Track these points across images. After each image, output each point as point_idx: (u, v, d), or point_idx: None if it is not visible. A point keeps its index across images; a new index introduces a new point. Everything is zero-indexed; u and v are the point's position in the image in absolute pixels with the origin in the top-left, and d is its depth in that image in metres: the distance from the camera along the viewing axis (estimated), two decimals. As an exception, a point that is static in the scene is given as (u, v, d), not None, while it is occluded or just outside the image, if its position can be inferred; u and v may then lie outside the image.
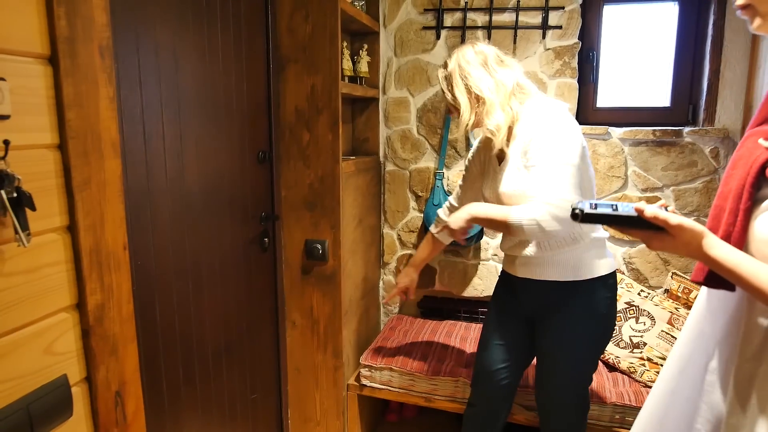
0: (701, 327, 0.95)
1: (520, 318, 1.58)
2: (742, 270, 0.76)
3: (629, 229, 0.83)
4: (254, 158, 1.80)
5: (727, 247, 0.79)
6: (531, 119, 1.39)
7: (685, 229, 0.78)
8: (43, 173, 0.86)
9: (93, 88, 0.93)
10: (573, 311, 1.46)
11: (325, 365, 2.05)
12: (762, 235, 0.77)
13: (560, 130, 1.34)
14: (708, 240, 0.79)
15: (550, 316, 1.50)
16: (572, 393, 1.56)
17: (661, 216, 0.78)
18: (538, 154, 1.34)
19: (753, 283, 0.75)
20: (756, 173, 0.78)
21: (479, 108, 1.43)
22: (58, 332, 0.91)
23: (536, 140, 1.35)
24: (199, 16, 1.49)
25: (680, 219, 0.79)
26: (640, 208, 0.80)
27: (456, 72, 1.46)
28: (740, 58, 2.04)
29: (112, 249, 0.99)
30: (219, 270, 1.64)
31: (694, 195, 2.14)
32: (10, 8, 0.79)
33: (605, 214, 0.84)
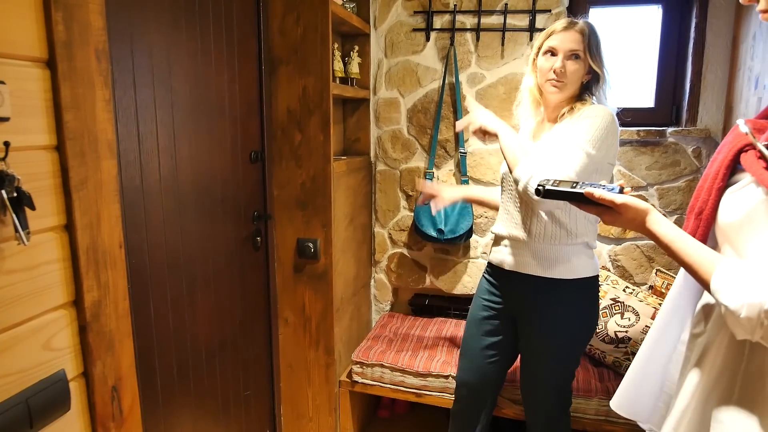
0: (677, 301, 1.00)
1: (504, 314, 1.62)
2: (676, 246, 0.84)
3: (585, 206, 0.94)
4: (247, 158, 1.83)
5: (668, 224, 0.87)
6: (592, 108, 1.43)
7: (630, 207, 0.88)
8: (42, 173, 0.89)
9: (90, 91, 0.95)
10: (555, 310, 1.50)
11: (317, 362, 2.08)
12: (721, 214, 0.83)
13: (596, 121, 1.38)
14: (651, 216, 0.88)
15: (533, 313, 1.54)
16: (553, 389, 1.59)
17: (607, 197, 0.88)
18: (564, 133, 1.40)
19: (684, 259, 0.83)
20: (733, 156, 0.83)
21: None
22: (56, 328, 0.93)
23: (571, 124, 1.41)
24: (192, 19, 1.51)
25: (625, 198, 0.88)
26: (589, 191, 0.90)
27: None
28: (721, 61, 2.10)
29: (108, 247, 1.02)
30: (212, 268, 1.67)
31: (677, 193, 2.20)
32: (9, 13, 0.82)
33: (564, 191, 0.95)
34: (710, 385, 0.83)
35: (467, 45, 2.30)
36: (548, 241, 1.46)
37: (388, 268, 2.58)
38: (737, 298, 0.73)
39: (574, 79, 1.44)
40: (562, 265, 1.47)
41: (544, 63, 1.46)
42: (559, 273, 1.47)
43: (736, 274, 0.74)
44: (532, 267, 1.50)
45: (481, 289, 1.70)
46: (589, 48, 1.42)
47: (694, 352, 0.88)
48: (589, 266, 1.50)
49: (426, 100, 2.38)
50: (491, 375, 1.67)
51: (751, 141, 0.80)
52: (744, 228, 0.78)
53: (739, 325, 0.73)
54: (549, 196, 0.96)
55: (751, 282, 0.72)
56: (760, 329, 0.71)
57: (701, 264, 0.79)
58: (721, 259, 0.78)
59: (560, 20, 1.48)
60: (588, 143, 1.35)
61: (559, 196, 0.96)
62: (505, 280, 1.59)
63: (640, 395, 1.06)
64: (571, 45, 1.42)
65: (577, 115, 1.42)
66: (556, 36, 1.45)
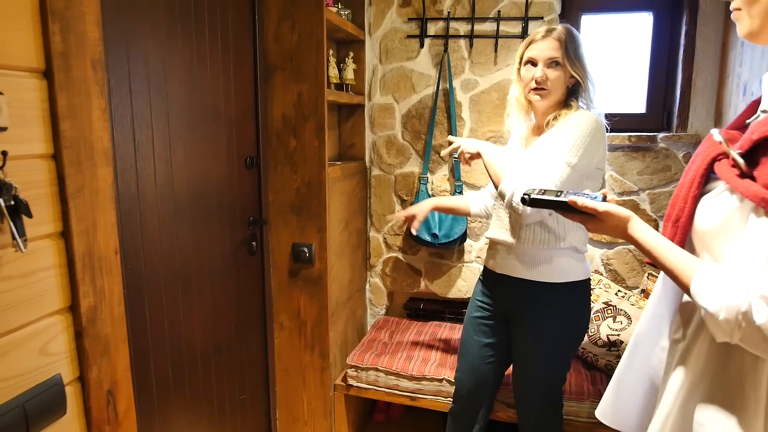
0: (656, 308, 1.02)
1: (498, 316, 1.64)
2: (657, 251, 0.86)
3: (570, 214, 0.97)
4: (242, 164, 1.85)
5: (649, 231, 0.90)
6: (577, 115, 1.45)
7: (612, 214, 0.90)
8: (39, 182, 0.90)
9: (86, 100, 0.97)
10: (544, 313, 1.53)
11: (313, 366, 2.09)
12: (698, 221, 0.86)
13: (579, 129, 1.40)
14: (632, 223, 0.90)
15: (522, 315, 1.57)
16: (542, 392, 1.62)
17: (590, 205, 0.91)
18: (547, 144, 1.43)
19: (665, 264, 0.85)
20: (707, 165, 0.86)
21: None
22: (52, 333, 0.95)
23: (555, 133, 1.43)
24: (188, 26, 1.53)
25: (607, 206, 0.91)
26: (573, 200, 0.93)
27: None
28: (711, 68, 2.13)
29: (104, 253, 1.03)
30: (208, 273, 1.68)
31: (668, 198, 2.22)
32: (7, 25, 0.84)
33: (549, 200, 0.98)
34: (691, 389, 0.85)
35: (461, 51, 2.33)
36: (536, 246, 1.49)
37: (383, 273, 2.60)
38: (716, 301, 0.75)
39: (557, 85, 1.47)
40: (549, 268, 1.50)
41: (526, 73, 1.50)
42: (545, 276, 1.50)
43: (715, 277, 0.77)
44: (520, 270, 1.52)
45: (476, 291, 1.73)
46: (567, 53, 1.45)
47: (675, 357, 0.90)
48: (577, 270, 1.52)
49: (420, 105, 2.41)
50: (488, 375, 1.69)
51: (724, 150, 0.82)
52: (720, 234, 0.80)
53: (719, 327, 0.75)
54: (534, 204, 0.99)
55: (729, 285, 0.74)
56: (738, 331, 0.73)
57: (681, 269, 0.81)
58: (700, 264, 0.81)
59: (539, 29, 1.51)
60: (569, 153, 1.37)
61: (544, 204, 0.98)
62: (496, 283, 1.61)
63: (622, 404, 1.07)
64: (549, 53, 1.45)
65: (561, 122, 1.44)
66: (534, 45, 1.48)
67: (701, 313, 0.78)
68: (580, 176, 1.39)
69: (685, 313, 0.91)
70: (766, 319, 0.70)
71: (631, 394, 1.06)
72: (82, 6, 0.96)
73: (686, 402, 0.85)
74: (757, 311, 0.70)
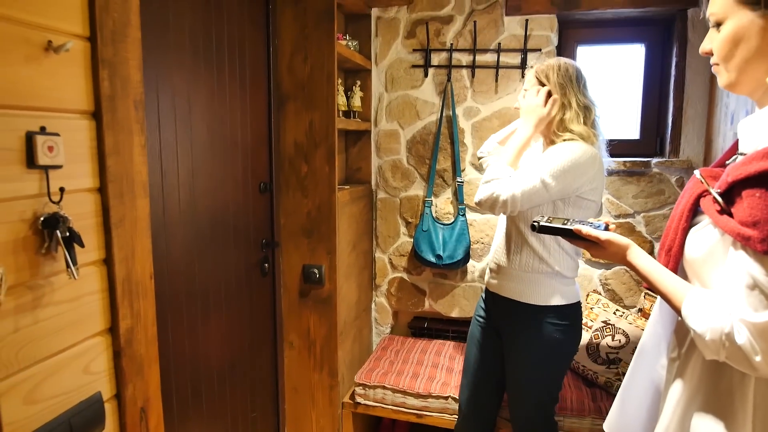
0: (655, 329, 1.10)
1: (495, 333, 1.73)
2: (653, 277, 0.96)
3: (575, 240, 1.08)
4: (256, 188, 1.94)
5: (646, 258, 0.99)
6: (566, 144, 1.52)
7: (612, 242, 1.01)
8: (86, 213, 0.99)
9: (128, 138, 1.06)
10: (530, 334, 1.60)
11: (321, 384, 2.15)
12: (688, 251, 0.95)
13: (562, 154, 1.48)
14: (631, 251, 1.00)
15: (511, 334, 1.66)
16: (533, 410, 1.67)
17: (593, 233, 1.02)
18: (534, 161, 1.52)
19: (660, 288, 0.94)
20: (694, 200, 0.95)
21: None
22: (94, 354, 1.02)
23: (546, 154, 1.52)
24: (210, 61, 1.63)
25: (608, 235, 1.01)
26: (577, 228, 1.04)
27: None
28: (700, 97, 2.24)
29: (140, 278, 1.11)
30: (224, 294, 1.76)
31: (662, 221, 2.32)
32: (65, 74, 0.93)
33: (555, 227, 1.09)
34: (688, 403, 0.93)
35: (463, 81, 2.44)
36: (523, 268, 1.59)
37: (389, 292, 2.67)
38: (703, 323, 0.83)
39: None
40: (536, 291, 1.58)
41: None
42: (532, 298, 1.59)
43: (702, 302, 0.86)
44: (510, 291, 1.63)
45: (477, 308, 1.82)
46: (543, 83, 1.58)
47: (672, 374, 0.98)
48: (564, 294, 1.59)
49: (424, 132, 2.51)
50: (488, 392, 1.76)
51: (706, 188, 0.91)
52: (707, 262, 0.89)
53: (706, 346, 0.84)
54: (543, 231, 1.10)
55: (714, 309, 0.83)
56: (723, 350, 0.81)
57: (674, 293, 0.90)
58: (690, 289, 0.90)
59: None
60: (546, 173, 1.46)
61: (551, 231, 1.09)
62: (492, 300, 1.72)
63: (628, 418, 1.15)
64: (525, 84, 1.65)
65: (551, 148, 1.54)
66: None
67: (691, 334, 0.87)
68: (551, 197, 1.48)
69: (680, 333, 0.99)
70: (746, 340, 0.78)
71: (635, 408, 1.13)
72: (126, 53, 1.05)
73: (684, 415, 0.93)
74: (738, 332, 0.79)
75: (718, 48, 0.89)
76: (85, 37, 0.97)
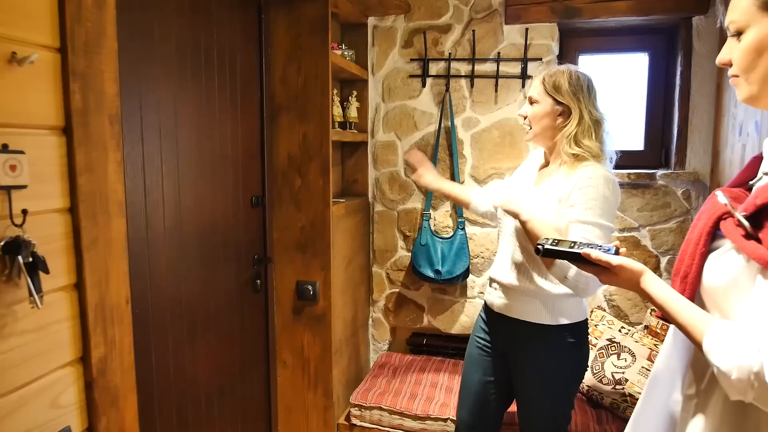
0: (668, 361, 1.02)
1: (497, 353, 1.64)
2: (669, 306, 0.87)
3: (584, 265, 0.97)
4: (248, 203, 1.87)
5: (661, 285, 0.90)
6: (588, 174, 1.41)
7: (625, 268, 0.91)
8: (55, 235, 0.92)
9: (102, 154, 1.00)
10: (542, 355, 1.53)
11: (316, 405, 2.08)
12: (706, 278, 0.87)
13: (610, 197, 1.40)
14: (645, 277, 0.91)
15: (521, 356, 1.57)
16: (545, 428, 1.61)
17: (604, 258, 0.92)
18: (587, 213, 1.38)
19: (677, 319, 0.86)
20: (713, 223, 0.88)
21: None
22: (63, 386, 0.95)
23: (584, 197, 1.39)
24: (198, 72, 1.58)
25: (621, 260, 0.92)
26: (587, 252, 0.94)
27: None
28: (707, 107, 2.18)
29: (115, 303, 1.04)
30: (213, 313, 1.69)
31: (669, 234, 2.25)
32: (31, 87, 0.87)
33: (562, 251, 0.99)
34: None
35: (462, 91, 2.39)
36: (534, 288, 1.50)
37: (386, 308, 2.60)
38: (728, 360, 0.75)
39: (535, 120, 1.50)
40: (546, 310, 1.50)
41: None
42: (542, 318, 1.51)
43: (727, 336, 0.78)
44: (518, 311, 1.54)
45: (476, 327, 1.73)
46: (545, 89, 1.48)
47: (689, 413, 0.90)
48: (573, 312, 1.52)
49: (422, 143, 2.45)
50: (489, 414, 1.68)
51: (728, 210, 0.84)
52: (730, 292, 0.81)
53: (731, 386, 0.76)
54: (548, 255, 1.00)
55: (741, 345, 0.75)
56: (751, 391, 0.73)
57: (694, 325, 0.82)
58: (712, 321, 0.81)
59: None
60: (601, 219, 1.38)
61: (557, 255, 0.99)
62: (495, 320, 1.62)
63: None
64: (530, 92, 1.53)
65: (574, 178, 1.42)
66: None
67: (714, 371, 0.79)
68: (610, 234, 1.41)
69: (697, 369, 0.91)
70: None
71: None
72: (101, 64, 0.99)
73: None
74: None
75: (738, 58, 0.82)
76: (54, 48, 0.91)
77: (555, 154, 1.54)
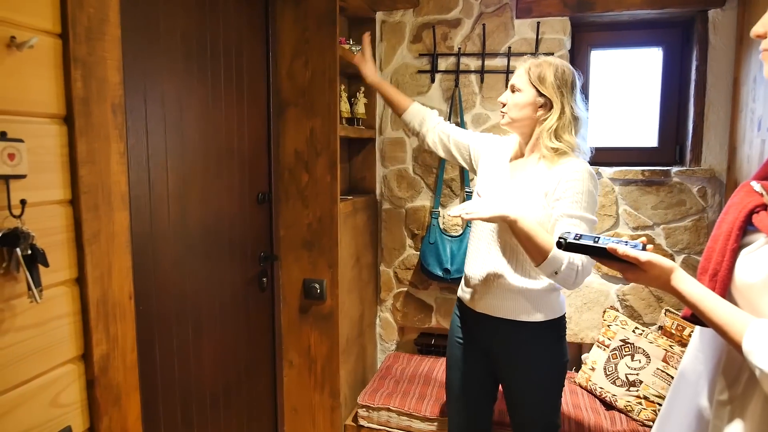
0: (694, 365, 0.97)
1: (478, 351, 1.60)
2: (703, 305, 0.82)
3: (607, 261, 0.92)
4: (254, 199, 1.84)
5: (693, 283, 0.85)
6: (572, 168, 1.40)
7: (654, 264, 0.86)
8: (55, 228, 0.89)
9: (105, 145, 0.97)
10: (527, 352, 1.50)
11: (323, 405, 2.04)
12: (739, 275, 0.82)
13: (594, 192, 1.40)
14: (676, 275, 0.86)
15: (504, 354, 1.54)
16: (538, 424, 1.57)
17: (632, 254, 0.86)
18: (574, 207, 1.37)
19: (712, 318, 0.81)
20: (744, 217, 0.83)
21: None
22: (64, 384, 0.92)
23: (571, 190, 1.38)
24: (204, 65, 1.54)
25: (650, 256, 0.86)
26: (613, 247, 0.88)
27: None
28: (723, 102, 2.13)
29: (118, 299, 1.01)
30: (218, 311, 1.65)
31: (684, 233, 2.19)
32: (31, 73, 0.84)
33: (586, 245, 0.94)
34: None
35: (471, 86, 2.34)
36: (515, 285, 1.46)
37: (394, 307, 2.56)
38: None
39: (514, 108, 1.47)
40: (528, 307, 1.47)
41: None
42: (525, 316, 1.48)
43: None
44: (499, 309, 1.50)
45: (453, 326, 1.68)
46: (530, 79, 1.45)
47: (724, 420, 0.85)
48: (555, 307, 1.50)
49: (431, 139, 2.40)
50: (479, 412, 1.65)
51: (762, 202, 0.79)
52: (766, 289, 0.77)
53: None
54: (570, 249, 0.95)
55: None
56: None
57: (731, 324, 0.78)
58: (751, 320, 0.77)
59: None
60: (586, 211, 1.38)
61: (580, 249, 0.94)
62: (474, 320, 1.58)
63: None
64: (513, 80, 1.51)
65: (563, 176, 1.40)
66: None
67: (756, 373, 0.74)
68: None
69: (730, 372, 0.86)
70: None
71: None
72: (104, 51, 0.96)
73: None
74: None
75: None
76: (55, 33, 0.88)
77: (532, 147, 1.51)
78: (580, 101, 1.47)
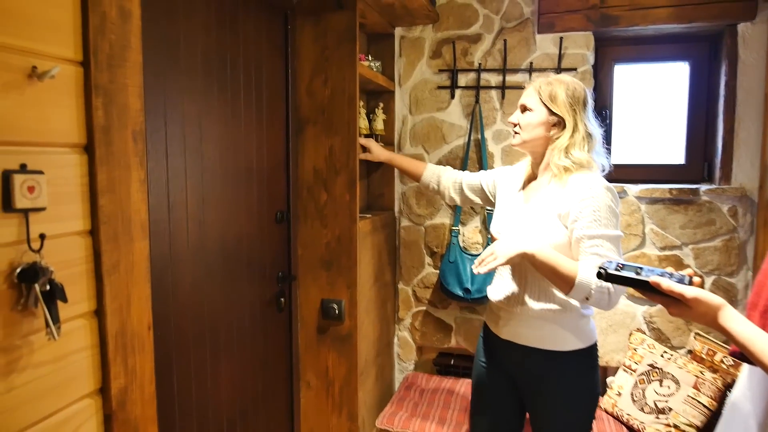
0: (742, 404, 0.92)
1: (505, 379, 1.54)
2: (754, 346, 0.78)
3: (649, 294, 0.87)
4: (272, 218, 1.81)
5: (743, 321, 0.81)
6: (585, 185, 1.35)
7: (701, 301, 0.82)
8: (74, 260, 0.87)
9: (125, 173, 0.94)
10: (556, 382, 1.43)
11: (340, 429, 1.99)
12: None
13: (613, 206, 1.34)
14: (724, 312, 0.81)
15: (534, 385, 1.47)
16: None
17: (677, 290, 0.82)
18: (593, 226, 1.32)
19: (763, 361, 0.76)
20: None
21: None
22: (81, 419, 0.89)
23: (587, 209, 1.33)
24: (224, 85, 1.53)
25: (696, 292, 0.82)
26: (656, 281, 0.84)
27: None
28: (754, 118, 2.06)
29: (137, 330, 0.98)
30: (236, 333, 1.62)
31: (714, 253, 2.12)
32: (51, 102, 0.82)
33: (627, 277, 0.89)
34: None
35: (492, 102, 2.31)
36: (541, 312, 1.41)
37: (412, 327, 2.51)
38: None
39: (527, 128, 1.44)
40: (557, 336, 1.41)
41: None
42: (553, 344, 1.42)
43: None
44: (527, 338, 1.44)
45: (479, 352, 1.63)
46: (543, 99, 1.42)
47: None
48: (585, 336, 1.43)
49: (451, 156, 2.37)
50: None
51: None
52: None
53: None
54: (610, 280, 0.91)
55: None
56: None
57: None
58: None
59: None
60: (610, 228, 1.33)
61: (620, 281, 0.90)
62: (501, 347, 1.52)
63: None
64: (522, 100, 1.48)
65: (576, 194, 1.35)
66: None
67: None
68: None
69: None
70: None
71: None
72: (125, 78, 0.94)
73: None
74: None
75: None
76: (77, 61, 0.86)
77: (544, 166, 1.47)
78: (593, 118, 1.44)
